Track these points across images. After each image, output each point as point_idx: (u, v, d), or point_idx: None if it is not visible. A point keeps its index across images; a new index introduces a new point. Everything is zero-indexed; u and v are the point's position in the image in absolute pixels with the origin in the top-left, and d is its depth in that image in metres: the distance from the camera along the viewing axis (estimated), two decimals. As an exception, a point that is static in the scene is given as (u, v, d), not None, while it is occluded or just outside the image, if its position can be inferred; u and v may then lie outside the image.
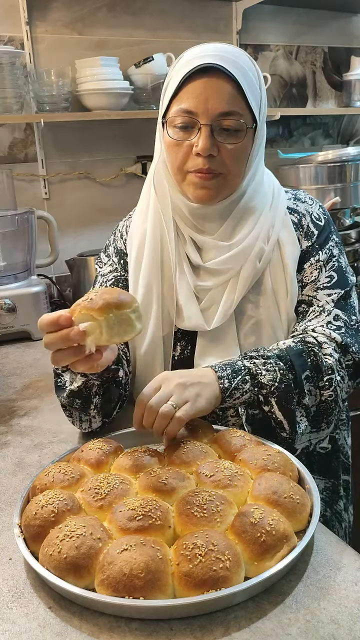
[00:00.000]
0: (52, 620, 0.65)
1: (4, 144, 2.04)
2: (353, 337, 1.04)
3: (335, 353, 1.00)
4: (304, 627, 0.62)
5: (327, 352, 1.00)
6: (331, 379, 0.98)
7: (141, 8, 2.17)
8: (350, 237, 2.04)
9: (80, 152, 2.16)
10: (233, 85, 0.98)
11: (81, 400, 0.99)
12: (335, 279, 1.08)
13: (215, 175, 1.01)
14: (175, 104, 1.01)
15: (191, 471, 0.85)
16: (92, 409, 1.00)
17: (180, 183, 1.05)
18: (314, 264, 1.09)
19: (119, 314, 0.80)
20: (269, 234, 1.08)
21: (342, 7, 2.55)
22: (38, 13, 1.99)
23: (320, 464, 1.14)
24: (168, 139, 1.03)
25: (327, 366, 0.98)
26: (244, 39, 2.39)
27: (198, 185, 1.02)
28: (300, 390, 0.96)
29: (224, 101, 0.98)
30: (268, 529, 0.69)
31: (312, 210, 1.14)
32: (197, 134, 0.99)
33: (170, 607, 0.64)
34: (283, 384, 0.95)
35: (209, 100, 0.97)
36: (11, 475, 0.98)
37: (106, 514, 0.76)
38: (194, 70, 0.97)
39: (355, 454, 1.26)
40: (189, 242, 1.09)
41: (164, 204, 1.09)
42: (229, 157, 1.01)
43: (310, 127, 2.67)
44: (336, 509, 1.17)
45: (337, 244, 1.13)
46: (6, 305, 1.66)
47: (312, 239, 1.11)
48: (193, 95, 0.98)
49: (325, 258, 1.10)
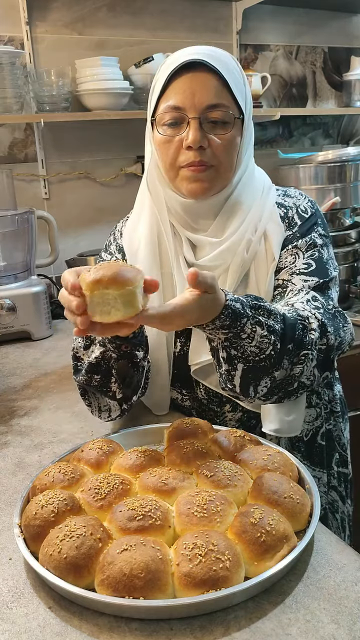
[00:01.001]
0: (52, 620, 0.65)
1: (4, 144, 2.04)
2: (330, 320, 1.00)
3: (318, 329, 0.96)
4: (304, 627, 0.62)
5: (313, 326, 0.96)
6: (307, 354, 0.94)
7: (141, 8, 2.17)
8: (350, 237, 2.04)
9: (80, 152, 2.16)
10: (218, 79, 1.00)
11: (100, 375, 0.99)
12: (313, 267, 1.06)
13: (207, 167, 1.02)
14: (162, 102, 1.03)
15: (191, 471, 0.85)
16: (111, 385, 1.00)
17: (173, 180, 1.06)
18: (290, 250, 1.08)
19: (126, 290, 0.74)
20: (257, 226, 1.08)
21: (342, 7, 2.55)
22: (38, 13, 2.00)
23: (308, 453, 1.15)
24: (158, 137, 1.04)
25: (308, 340, 0.94)
26: (244, 39, 2.39)
27: (191, 179, 1.03)
28: (279, 360, 0.91)
29: (211, 94, 1.00)
30: (268, 529, 0.69)
31: (300, 203, 1.14)
32: (186, 128, 1.01)
33: (170, 607, 0.64)
34: (263, 359, 0.90)
35: (196, 94, 0.99)
36: (11, 475, 0.98)
37: (106, 514, 0.76)
38: (179, 67, 1.00)
39: (355, 452, 1.27)
40: (185, 242, 1.10)
41: (159, 206, 1.10)
42: (219, 148, 1.02)
43: (310, 127, 2.67)
44: (328, 499, 1.18)
45: (322, 237, 1.11)
46: (6, 305, 1.66)
47: (294, 228, 1.10)
48: (180, 91, 1.00)
49: (304, 245, 1.08)
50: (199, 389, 1.13)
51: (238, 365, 0.90)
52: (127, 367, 1.00)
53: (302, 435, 1.14)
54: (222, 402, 1.12)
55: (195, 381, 1.13)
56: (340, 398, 1.23)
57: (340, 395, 1.24)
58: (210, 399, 1.13)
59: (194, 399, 1.15)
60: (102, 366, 0.99)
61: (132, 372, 1.01)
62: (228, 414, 1.12)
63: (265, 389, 0.93)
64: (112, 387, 1.01)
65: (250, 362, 0.89)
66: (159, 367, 1.12)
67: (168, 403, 1.16)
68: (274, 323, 0.90)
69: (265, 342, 0.88)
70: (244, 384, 0.92)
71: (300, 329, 0.93)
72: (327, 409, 1.18)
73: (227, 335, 0.88)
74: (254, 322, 0.88)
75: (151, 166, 1.09)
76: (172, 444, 0.93)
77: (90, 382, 1.01)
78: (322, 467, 1.17)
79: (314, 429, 1.15)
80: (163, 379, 1.13)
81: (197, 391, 1.13)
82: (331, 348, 0.97)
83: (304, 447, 1.14)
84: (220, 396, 1.12)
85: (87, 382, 1.02)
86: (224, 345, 0.90)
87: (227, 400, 1.11)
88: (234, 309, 0.86)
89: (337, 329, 0.99)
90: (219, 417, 1.14)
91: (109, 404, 1.04)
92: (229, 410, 1.12)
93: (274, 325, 0.90)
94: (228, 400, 1.11)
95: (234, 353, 0.90)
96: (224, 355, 0.91)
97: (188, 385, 1.14)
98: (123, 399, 1.03)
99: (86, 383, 1.02)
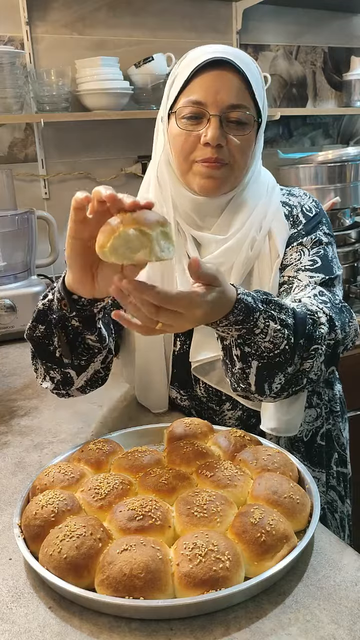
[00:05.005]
0: (52, 620, 0.65)
1: (4, 144, 2.03)
2: (337, 315, 0.99)
3: (326, 324, 0.96)
4: (304, 627, 0.62)
5: (322, 320, 0.95)
6: (316, 349, 0.93)
7: (141, 8, 2.17)
8: (350, 237, 2.04)
9: (80, 152, 2.16)
10: (241, 80, 1.01)
11: (44, 326, 0.93)
12: (318, 263, 1.07)
13: (222, 165, 1.02)
14: (183, 96, 1.03)
15: (191, 471, 0.85)
16: (54, 340, 0.93)
17: (185, 174, 1.05)
18: (295, 247, 1.09)
19: (163, 230, 0.73)
20: (261, 224, 1.08)
21: (342, 7, 2.55)
22: (38, 13, 1.99)
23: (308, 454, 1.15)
24: (176, 129, 1.03)
25: (318, 335, 0.93)
26: (244, 39, 2.39)
27: (204, 175, 1.03)
28: (292, 355, 0.90)
29: (233, 94, 1.00)
30: (268, 529, 0.69)
31: (304, 202, 1.15)
32: (205, 124, 1.01)
33: (170, 607, 0.64)
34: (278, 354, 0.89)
35: (219, 92, 1.00)
36: (11, 475, 0.98)
37: (106, 514, 0.76)
38: (204, 64, 1.00)
39: (355, 452, 1.27)
40: (189, 239, 1.09)
41: (166, 202, 1.09)
42: (236, 148, 1.02)
43: (310, 127, 2.67)
44: (327, 499, 1.18)
45: (327, 235, 1.12)
46: (6, 305, 1.66)
47: (298, 226, 1.11)
48: (203, 88, 1.00)
49: (309, 243, 1.09)
50: (199, 387, 1.13)
51: (252, 362, 0.89)
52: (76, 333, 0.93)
53: (302, 436, 1.14)
54: (221, 401, 1.12)
55: (194, 379, 1.12)
56: (340, 398, 1.23)
57: (340, 395, 1.24)
58: (209, 397, 1.13)
59: (192, 398, 1.15)
60: (48, 315, 0.93)
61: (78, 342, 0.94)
62: (228, 412, 1.12)
63: (279, 386, 0.91)
64: (54, 342, 0.93)
65: (264, 358, 0.88)
66: (154, 366, 1.12)
67: (166, 402, 1.16)
68: (286, 317, 0.89)
69: (279, 336, 0.87)
70: (259, 382, 0.90)
71: (310, 323, 0.92)
72: (327, 408, 1.18)
73: (241, 332, 0.86)
74: (266, 317, 0.86)
75: (162, 161, 1.09)
76: (172, 444, 0.93)
77: (34, 331, 0.95)
78: (321, 467, 1.17)
79: (313, 429, 1.15)
80: (161, 378, 1.13)
81: (197, 389, 1.13)
82: (338, 343, 0.97)
83: (303, 447, 1.14)
84: (220, 394, 1.11)
85: (31, 330, 0.96)
86: (237, 342, 0.88)
87: (227, 398, 1.11)
88: (247, 303, 0.84)
89: (344, 323, 0.99)
90: (218, 416, 1.14)
91: (54, 374, 0.97)
92: (229, 409, 1.12)
93: (286, 319, 0.89)
94: (228, 399, 1.11)
95: (247, 350, 0.88)
96: (238, 353, 0.89)
97: (187, 385, 1.14)
98: (67, 375, 0.96)
99: (30, 332, 0.96)
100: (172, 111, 1.04)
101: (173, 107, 1.05)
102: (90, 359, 0.96)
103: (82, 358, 0.95)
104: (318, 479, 1.16)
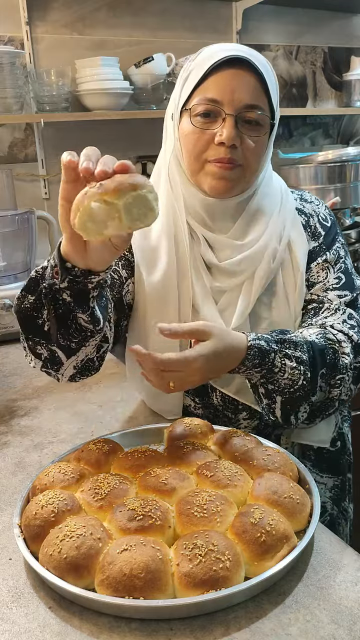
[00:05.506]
0: (52, 620, 0.65)
1: (4, 144, 2.03)
2: None
3: (351, 353, 1.00)
4: (304, 627, 0.62)
5: (345, 351, 0.99)
6: (342, 378, 0.99)
7: (141, 8, 2.17)
8: (350, 237, 2.05)
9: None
10: (258, 81, 1.00)
11: (34, 296, 0.90)
12: (343, 280, 1.09)
13: (235, 166, 1.00)
14: (198, 93, 1.00)
15: (191, 471, 0.85)
16: (43, 313, 0.89)
17: (196, 173, 1.03)
18: (321, 264, 1.10)
19: (135, 195, 0.69)
20: (281, 235, 1.08)
21: (342, 7, 2.55)
22: (38, 13, 1.99)
23: (329, 462, 1.15)
24: (189, 127, 1.01)
25: (342, 365, 0.98)
26: (244, 39, 2.39)
27: (217, 175, 1.01)
28: (313, 387, 0.96)
29: (250, 94, 0.99)
30: (268, 529, 0.69)
31: (319, 210, 1.15)
32: (220, 123, 0.99)
33: (170, 607, 0.64)
34: (297, 389, 0.95)
35: (236, 91, 0.98)
36: (11, 475, 0.98)
37: (106, 514, 0.76)
38: (221, 61, 0.98)
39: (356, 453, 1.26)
40: (202, 241, 1.07)
41: (177, 201, 1.07)
42: (250, 149, 1.00)
43: (310, 127, 2.67)
44: (343, 506, 1.17)
45: (343, 245, 1.14)
46: (6, 305, 1.66)
47: (319, 239, 1.11)
48: (219, 86, 0.98)
49: (332, 259, 1.10)
50: (215, 396, 1.10)
51: (276, 398, 0.97)
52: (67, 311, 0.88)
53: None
54: (237, 410, 1.10)
55: (210, 387, 1.10)
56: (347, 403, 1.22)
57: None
58: (225, 405, 1.10)
59: (207, 406, 1.12)
60: (39, 284, 0.89)
61: (70, 320, 0.89)
62: (244, 421, 1.10)
63: (305, 414, 0.98)
64: (43, 315, 0.89)
65: (286, 393, 0.96)
66: None
67: (180, 410, 1.12)
68: (302, 354, 0.95)
69: (296, 373, 0.94)
70: (284, 414, 0.98)
71: (331, 353, 0.98)
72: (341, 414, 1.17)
73: (262, 372, 0.94)
74: (282, 356, 0.94)
75: (172, 159, 1.07)
76: (172, 444, 0.93)
77: (22, 301, 0.91)
78: (330, 473, 1.15)
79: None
80: None
81: (213, 398, 1.10)
82: None
83: (314, 455, 1.13)
84: (236, 403, 1.09)
85: (20, 301, 0.92)
86: (261, 382, 0.97)
87: (244, 407, 1.09)
88: (259, 347, 0.92)
89: None
90: (234, 424, 1.11)
91: (41, 349, 0.94)
92: (245, 418, 1.10)
93: (301, 356, 0.95)
94: (244, 408, 1.09)
95: (270, 387, 0.96)
96: (263, 391, 0.98)
97: (203, 393, 1.11)
98: (55, 354, 0.92)
99: (19, 303, 0.92)
100: (186, 108, 1.02)
101: (186, 105, 1.02)
102: (82, 341, 0.91)
103: (72, 339, 0.90)
104: (325, 484, 1.15)
